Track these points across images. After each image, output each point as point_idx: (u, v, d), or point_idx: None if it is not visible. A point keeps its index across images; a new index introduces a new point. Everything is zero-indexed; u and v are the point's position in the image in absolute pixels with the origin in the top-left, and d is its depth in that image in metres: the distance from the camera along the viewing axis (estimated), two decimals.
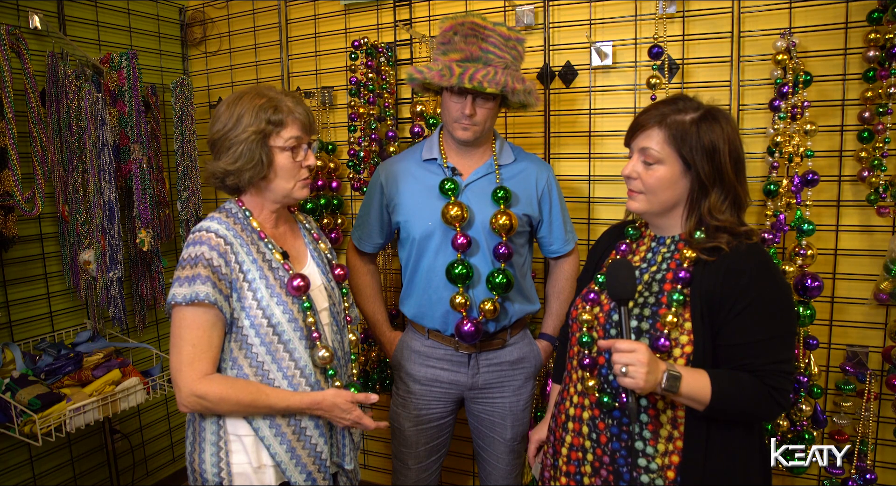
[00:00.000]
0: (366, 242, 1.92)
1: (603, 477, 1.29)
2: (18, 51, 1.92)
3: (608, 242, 1.49)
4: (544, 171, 1.85)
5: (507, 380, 1.83)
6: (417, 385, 1.84)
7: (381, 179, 1.85)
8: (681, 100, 1.28)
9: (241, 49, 2.80)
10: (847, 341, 1.92)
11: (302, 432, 1.37)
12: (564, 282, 1.92)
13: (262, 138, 1.34)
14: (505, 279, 1.72)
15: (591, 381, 1.30)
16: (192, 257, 1.29)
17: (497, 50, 1.66)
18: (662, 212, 1.31)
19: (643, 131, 1.27)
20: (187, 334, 1.29)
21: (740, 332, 1.18)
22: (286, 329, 1.34)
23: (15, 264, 2.20)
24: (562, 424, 1.39)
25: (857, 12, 1.81)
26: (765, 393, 1.16)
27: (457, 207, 1.70)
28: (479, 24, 1.66)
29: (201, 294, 1.26)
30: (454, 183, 1.73)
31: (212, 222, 1.34)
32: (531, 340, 1.91)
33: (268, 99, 1.35)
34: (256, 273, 1.33)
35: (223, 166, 1.35)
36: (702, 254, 1.23)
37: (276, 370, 1.34)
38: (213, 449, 1.33)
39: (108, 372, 2.06)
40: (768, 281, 1.19)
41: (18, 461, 2.22)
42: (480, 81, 1.60)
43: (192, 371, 1.28)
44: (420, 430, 1.86)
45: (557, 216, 1.86)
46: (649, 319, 1.24)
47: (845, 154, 1.88)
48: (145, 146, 2.29)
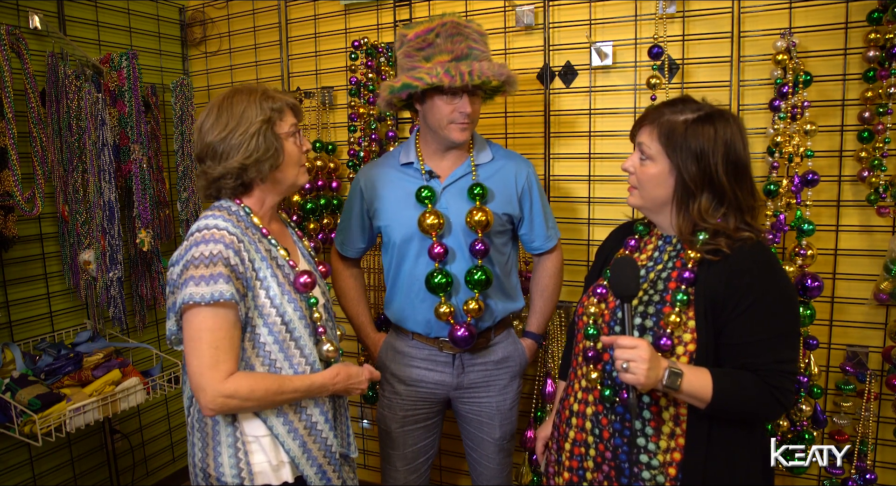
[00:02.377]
0: (348, 247, 1.92)
1: (605, 472, 1.30)
2: (18, 51, 1.92)
3: (617, 239, 1.50)
4: (524, 168, 1.83)
5: (492, 379, 1.83)
6: (403, 386, 1.84)
7: (361, 184, 1.84)
8: (684, 101, 1.28)
9: (241, 49, 2.80)
10: (847, 341, 1.92)
11: (313, 426, 1.38)
12: (548, 279, 1.91)
13: (270, 127, 1.35)
14: (484, 276, 1.71)
15: (595, 373, 1.31)
16: (209, 256, 1.25)
17: (479, 45, 1.67)
18: (655, 208, 1.32)
19: (643, 127, 1.30)
20: (208, 336, 1.24)
21: (743, 331, 1.18)
22: (297, 326, 1.35)
23: (15, 264, 2.20)
24: (566, 419, 1.40)
25: (857, 12, 1.81)
26: (766, 392, 1.17)
27: (433, 216, 1.69)
28: (460, 22, 1.66)
29: (226, 294, 1.23)
30: (430, 190, 1.72)
31: (217, 220, 1.30)
32: (515, 338, 1.90)
33: (259, 90, 1.37)
34: (267, 271, 1.33)
35: (236, 163, 1.32)
36: (705, 255, 1.24)
37: (288, 367, 1.34)
38: (230, 451, 1.32)
39: (108, 372, 2.06)
40: (771, 280, 1.20)
41: (18, 461, 2.22)
42: (488, 76, 1.61)
43: (217, 373, 1.24)
44: (407, 431, 1.86)
45: (538, 213, 1.84)
46: (653, 317, 1.25)
47: (845, 154, 1.88)
48: (145, 146, 2.29)
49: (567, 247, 2.26)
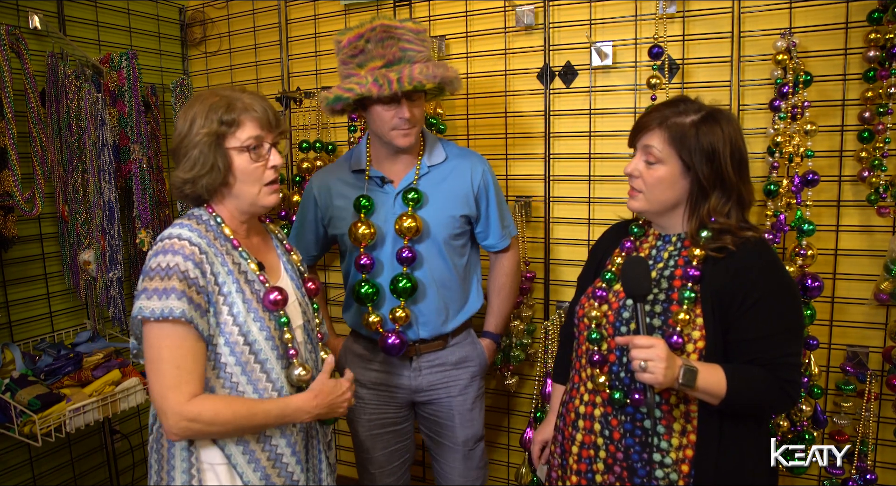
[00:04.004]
0: (302, 255, 1.91)
1: (616, 474, 1.30)
2: (18, 51, 1.92)
3: (611, 240, 1.50)
4: (479, 165, 1.81)
5: (451, 380, 1.81)
6: (364, 390, 1.83)
7: (315, 192, 1.83)
8: (682, 101, 1.29)
9: (241, 49, 2.80)
10: (847, 341, 1.92)
11: (278, 458, 1.28)
12: (504, 278, 1.90)
13: (215, 141, 1.23)
14: (409, 284, 1.69)
15: (602, 377, 1.31)
16: (165, 268, 1.16)
17: (414, 46, 1.62)
18: (662, 211, 1.32)
19: (646, 131, 1.29)
20: (168, 354, 1.16)
21: (752, 327, 1.20)
22: (263, 347, 1.24)
23: (15, 264, 2.20)
24: (571, 422, 1.39)
25: (857, 12, 1.81)
26: (777, 386, 1.19)
27: (364, 226, 1.68)
28: (391, 24, 1.62)
29: (176, 311, 1.14)
30: (369, 200, 1.71)
31: (182, 229, 1.22)
32: (474, 338, 1.89)
33: (220, 97, 1.25)
34: (233, 286, 1.23)
35: (180, 175, 1.26)
36: (710, 252, 1.25)
37: (252, 392, 1.24)
38: (184, 478, 1.23)
39: (108, 372, 2.06)
40: (777, 277, 1.22)
41: (18, 461, 2.22)
42: (420, 80, 1.56)
43: (180, 395, 1.15)
44: (374, 435, 1.84)
45: (494, 211, 1.83)
46: (661, 316, 1.25)
47: (845, 154, 1.88)
48: (145, 146, 2.29)
49: (567, 247, 2.26)
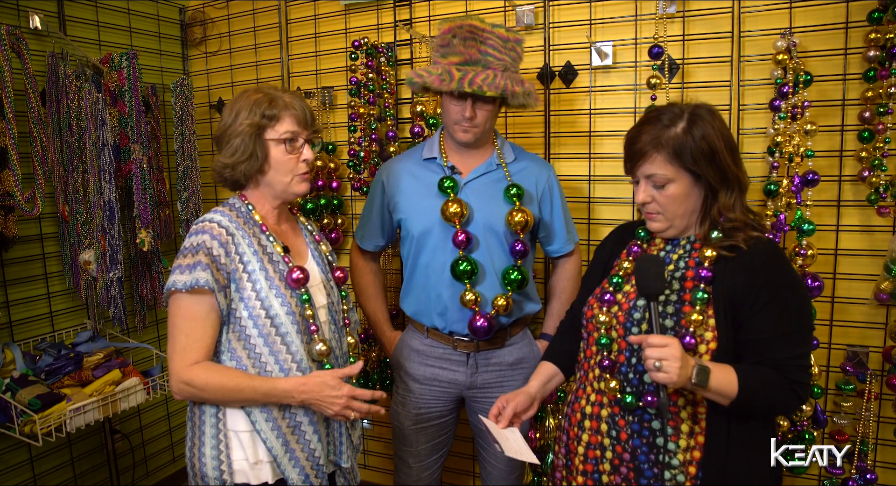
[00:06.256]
0: (368, 240, 1.94)
1: (623, 475, 1.29)
2: (18, 51, 1.92)
3: (617, 241, 1.50)
4: (545, 171, 1.85)
5: (506, 381, 1.83)
6: (416, 384, 1.85)
7: (383, 178, 1.86)
8: (660, 113, 1.28)
9: (241, 49, 2.80)
10: (847, 341, 1.92)
11: (297, 426, 1.37)
12: (566, 282, 1.92)
13: (256, 131, 1.37)
14: (520, 276, 1.73)
15: (613, 382, 1.30)
16: (194, 246, 1.32)
17: (496, 52, 1.65)
18: (681, 225, 1.32)
19: (643, 160, 1.27)
20: (181, 323, 1.31)
21: (763, 327, 1.20)
22: (284, 321, 1.35)
23: (15, 264, 2.20)
24: (577, 422, 1.38)
25: (857, 12, 1.81)
26: (787, 387, 1.19)
27: (456, 204, 1.71)
28: (478, 26, 1.65)
29: (201, 280, 1.28)
30: (453, 181, 1.74)
31: (215, 215, 1.38)
32: (531, 340, 1.91)
33: (264, 94, 1.40)
34: (257, 265, 1.35)
35: (222, 160, 1.40)
36: (722, 252, 1.25)
37: (273, 363, 1.34)
38: (212, 443, 1.34)
39: (109, 372, 2.06)
40: (787, 277, 1.23)
41: (18, 461, 2.22)
42: (480, 85, 1.60)
43: (183, 360, 1.30)
44: (419, 428, 1.86)
45: (559, 216, 1.86)
46: (673, 316, 1.25)
47: (845, 154, 1.88)
48: (145, 146, 2.29)
49: None
